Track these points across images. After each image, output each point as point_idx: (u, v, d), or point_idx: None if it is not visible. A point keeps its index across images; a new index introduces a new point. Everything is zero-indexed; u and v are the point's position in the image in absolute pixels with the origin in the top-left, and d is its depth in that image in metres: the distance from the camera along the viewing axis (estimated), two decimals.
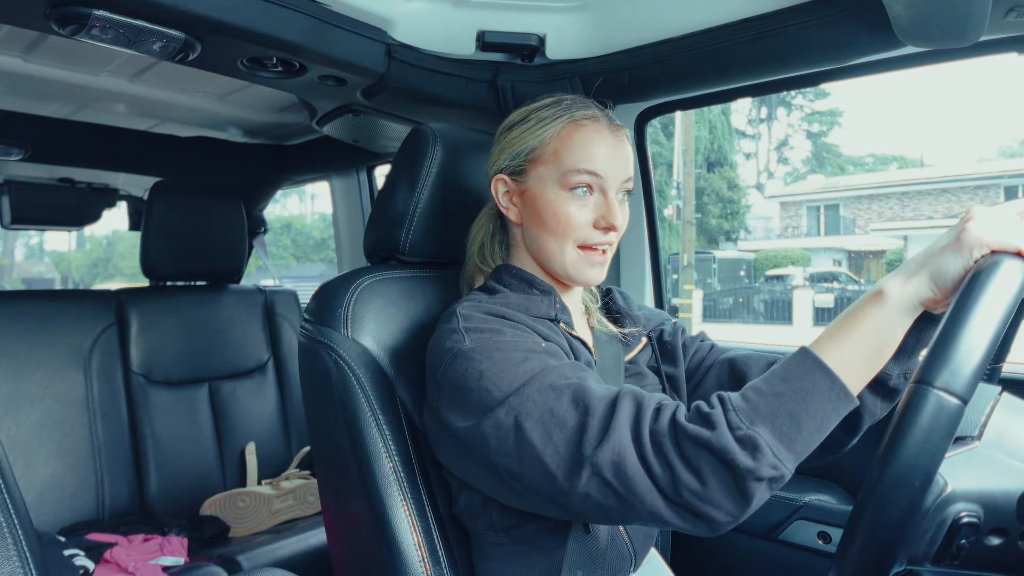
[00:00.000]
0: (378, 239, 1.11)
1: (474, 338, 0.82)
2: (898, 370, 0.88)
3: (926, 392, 0.62)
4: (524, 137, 0.92)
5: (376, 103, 1.44)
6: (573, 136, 0.89)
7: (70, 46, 1.40)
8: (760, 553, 1.29)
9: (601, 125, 0.91)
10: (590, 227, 0.89)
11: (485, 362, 0.79)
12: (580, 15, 1.30)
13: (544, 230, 0.91)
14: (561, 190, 0.89)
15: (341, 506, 1.01)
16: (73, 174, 2.55)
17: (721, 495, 0.67)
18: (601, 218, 0.89)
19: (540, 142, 0.91)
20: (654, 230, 1.61)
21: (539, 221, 0.91)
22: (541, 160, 0.91)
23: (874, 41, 1.05)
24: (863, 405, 0.91)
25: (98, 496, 1.80)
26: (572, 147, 0.89)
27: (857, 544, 0.63)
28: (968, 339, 0.63)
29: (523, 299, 0.91)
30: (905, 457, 0.61)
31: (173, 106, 1.88)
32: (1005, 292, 0.65)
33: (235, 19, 1.05)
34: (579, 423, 0.72)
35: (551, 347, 0.84)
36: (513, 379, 0.77)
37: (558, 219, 0.89)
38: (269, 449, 2.13)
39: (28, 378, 1.76)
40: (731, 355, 1.04)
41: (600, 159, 0.88)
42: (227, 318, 2.15)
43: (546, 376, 0.77)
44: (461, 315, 0.85)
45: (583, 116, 0.91)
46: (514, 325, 0.85)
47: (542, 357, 0.80)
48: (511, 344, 0.81)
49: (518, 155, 0.93)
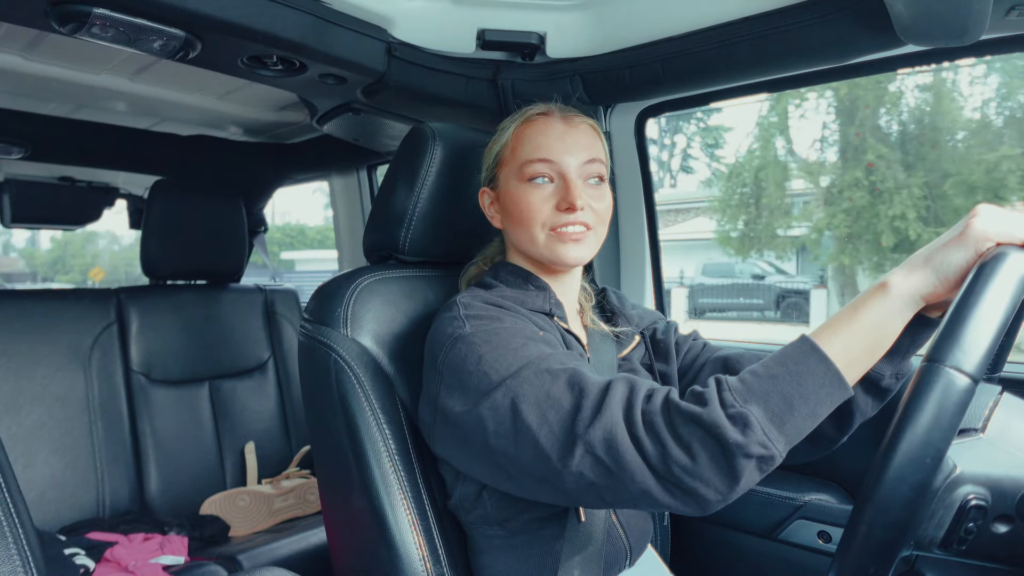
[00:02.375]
0: (377, 238, 1.11)
1: (474, 324, 0.84)
2: (891, 370, 0.90)
3: (938, 370, 0.62)
4: (491, 148, 1.00)
5: (376, 102, 1.44)
6: (525, 133, 0.95)
7: (70, 44, 1.40)
8: (760, 552, 1.29)
9: (553, 118, 0.95)
10: (553, 210, 0.92)
11: (484, 346, 0.81)
12: (581, 13, 1.29)
13: (516, 222, 0.95)
14: (520, 183, 0.93)
15: (341, 505, 1.01)
16: (73, 173, 2.55)
17: (711, 471, 0.68)
18: (562, 200, 0.91)
19: (501, 147, 0.98)
20: (654, 230, 1.60)
21: (510, 216, 0.95)
22: (504, 162, 0.97)
23: (875, 40, 1.05)
24: (854, 402, 0.92)
25: (98, 495, 1.80)
26: (524, 142, 0.94)
27: (866, 524, 0.63)
28: (978, 320, 0.63)
29: (519, 293, 0.94)
30: (917, 434, 0.62)
31: (173, 105, 1.88)
32: (1013, 279, 0.66)
33: (235, 17, 1.05)
34: (574, 404, 0.74)
35: (548, 336, 0.87)
36: (511, 363, 0.79)
37: (521, 208, 0.93)
38: (269, 448, 2.13)
39: (28, 377, 1.76)
40: (724, 353, 1.06)
41: (550, 147, 0.92)
42: (227, 317, 2.15)
43: (543, 361, 0.79)
44: (461, 303, 0.89)
45: (535, 113, 0.96)
46: (512, 314, 0.88)
47: (539, 344, 0.82)
48: (510, 330, 0.83)
49: (489, 166, 1.00)
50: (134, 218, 2.86)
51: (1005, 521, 0.89)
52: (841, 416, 0.94)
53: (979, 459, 0.92)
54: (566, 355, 0.82)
